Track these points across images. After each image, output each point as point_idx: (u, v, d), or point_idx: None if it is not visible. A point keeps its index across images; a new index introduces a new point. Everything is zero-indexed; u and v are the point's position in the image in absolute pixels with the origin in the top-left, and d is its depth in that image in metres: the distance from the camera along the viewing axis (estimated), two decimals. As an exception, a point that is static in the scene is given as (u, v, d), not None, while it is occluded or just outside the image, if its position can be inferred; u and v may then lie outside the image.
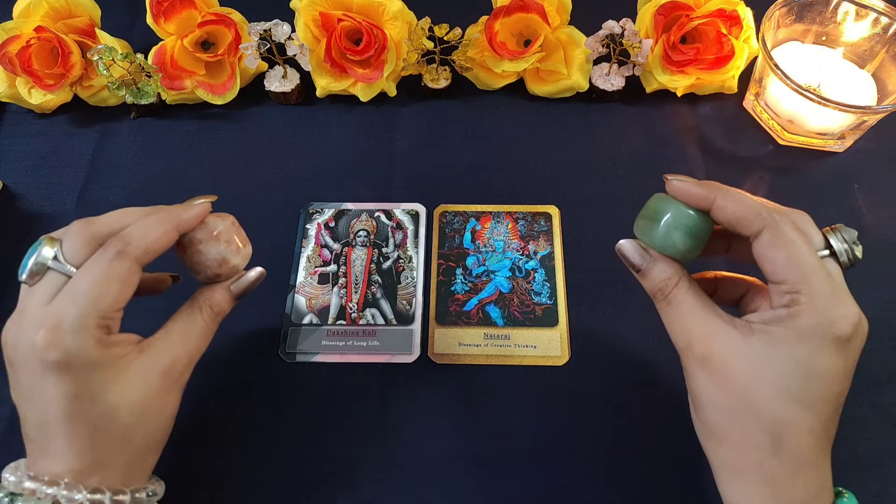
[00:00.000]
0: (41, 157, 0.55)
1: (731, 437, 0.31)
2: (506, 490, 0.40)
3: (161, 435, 0.35)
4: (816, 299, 0.29)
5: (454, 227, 0.51)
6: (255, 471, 0.41)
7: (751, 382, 0.29)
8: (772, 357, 0.29)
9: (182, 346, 0.35)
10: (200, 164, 0.54)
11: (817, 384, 0.29)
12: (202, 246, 0.36)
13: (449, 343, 0.46)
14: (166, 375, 0.34)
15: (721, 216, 0.32)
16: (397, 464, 0.41)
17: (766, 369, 0.29)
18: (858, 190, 0.52)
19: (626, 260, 0.35)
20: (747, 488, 0.31)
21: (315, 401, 0.44)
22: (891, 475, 0.41)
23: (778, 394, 0.29)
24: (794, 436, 0.29)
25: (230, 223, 0.37)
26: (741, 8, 0.54)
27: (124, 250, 0.32)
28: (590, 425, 0.42)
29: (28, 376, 0.31)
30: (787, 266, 0.30)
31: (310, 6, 0.53)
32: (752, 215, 0.31)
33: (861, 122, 0.51)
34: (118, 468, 0.32)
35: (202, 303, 0.36)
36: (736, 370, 0.30)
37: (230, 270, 0.37)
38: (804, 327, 0.29)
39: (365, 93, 0.55)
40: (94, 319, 0.31)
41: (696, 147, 0.55)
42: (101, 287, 0.31)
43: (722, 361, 0.30)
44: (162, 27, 0.54)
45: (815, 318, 0.29)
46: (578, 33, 0.55)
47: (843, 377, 0.30)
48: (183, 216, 0.35)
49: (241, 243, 0.38)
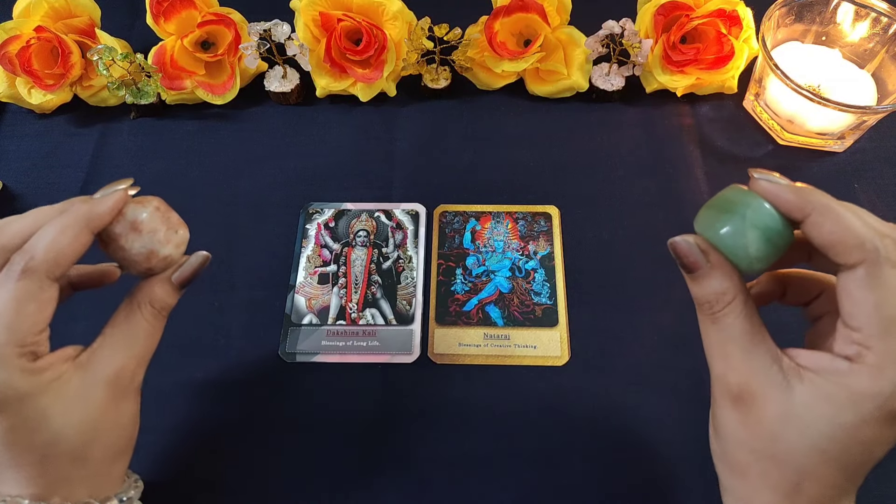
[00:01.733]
0: (41, 157, 0.55)
1: (748, 473, 0.28)
2: (506, 490, 0.40)
3: (124, 443, 0.32)
4: (886, 364, 0.25)
5: (454, 227, 0.51)
6: (255, 471, 0.41)
7: (783, 432, 0.26)
8: (813, 413, 0.26)
9: (126, 352, 0.31)
10: (200, 164, 0.54)
11: (857, 451, 0.26)
12: (123, 241, 0.31)
13: (449, 343, 0.46)
14: (113, 387, 0.31)
15: (814, 234, 0.27)
16: (397, 464, 0.41)
17: (803, 424, 0.26)
18: (858, 190, 0.52)
19: (679, 257, 0.29)
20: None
21: (315, 401, 0.44)
22: (891, 475, 0.41)
23: (810, 451, 0.26)
24: (818, 487, 0.27)
25: (153, 208, 0.32)
26: (741, 8, 0.54)
27: (29, 266, 0.28)
28: (590, 425, 0.42)
29: None
30: (870, 315, 0.25)
31: (310, 6, 0.53)
32: (854, 243, 0.26)
33: (861, 122, 0.51)
34: (81, 484, 0.30)
35: (141, 300, 0.32)
36: (770, 416, 0.27)
37: (163, 262, 0.32)
38: (860, 391, 0.25)
39: (365, 93, 0.55)
40: (12, 349, 0.28)
41: (696, 147, 0.55)
42: (12, 313, 0.28)
43: (757, 403, 0.27)
44: (162, 27, 0.54)
45: (877, 386, 0.25)
46: (578, 33, 0.55)
47: (886, 444, 0.26)
48: (94, 212, 0.30)
49: (171, 230, 0.32)
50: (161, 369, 0.44)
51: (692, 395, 0.42)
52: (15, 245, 0.29)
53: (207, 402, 0.43)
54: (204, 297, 0.47)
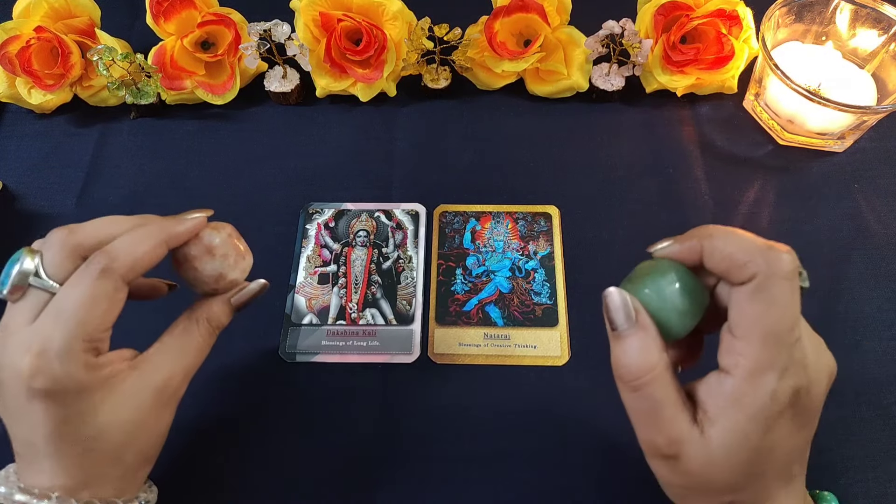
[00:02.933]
0: (41, 157, 0.55)
1: (687, 500, 0.31)
2: (506, 490, 0.40)
3: (154, 450, 0.34)
4: (761, 369, 0.27)
5: (454, 227, 0.51)
6: (255, 471, 0.41)
7: (711, 473, 0.28)
8: (729, 447, 0.28)
9: (178, 363, 0.33)
10: (200, 164, 0.54)
11: (774, 454, 0.28)
12: (197, 262, 0.34)
13: (449, 343, 0.46)
14: (160, 393, 0.32)
15: (712, 264, 0.28)
16: (397, 464, 0.41)
17: (724, 460, 0.28)
18: (858, 190, 0.52)
19: (608, 313, 0.30)
20: None
21: (315, 401, 0.44)
22: (891, 475, 0.41)
23: (732, 475, 0.28)
24: (750, 495, 0.29)
25: (227, 235, 0.35)
26: (741, 8, 0.54)
27: (110, 267, 0.30)
28: (590, 425, 0.42)
29: (14, 399, 0.30)
30: (751, 325, 0.27)
31: (310, 6, 0.53)
32: (744, 259, 0.27)
33: (861, 122, 0.51)
34: (110, 484, 0.31)
35: (199, 316, 0.35)
36: (695, 466, 0.28)
37: (228, 285, 0.35)
38: (748, 401, 0.27)
39: (365, 93, 0.55)
40: (80, 343, 0.29)
41: (696, 147, 0.55)
42: (86, 308, 0.30)
43: (683, 459, 0.28)
44: (162, 27, 0.54)
45: (759, 391, 0.27)
46: (578, 33, 0.55)
47: (798, 430, 0.29)
48: (173, 230, 0.33)
49: (240, 256, 0.35)
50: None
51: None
52: (90, 245, 0.31)
53: (207, 402, 0.43)
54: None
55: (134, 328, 0.33)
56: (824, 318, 0.46)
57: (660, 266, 0.30)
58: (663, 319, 0.29)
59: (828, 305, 0.47)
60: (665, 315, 0.29)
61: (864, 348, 0.45)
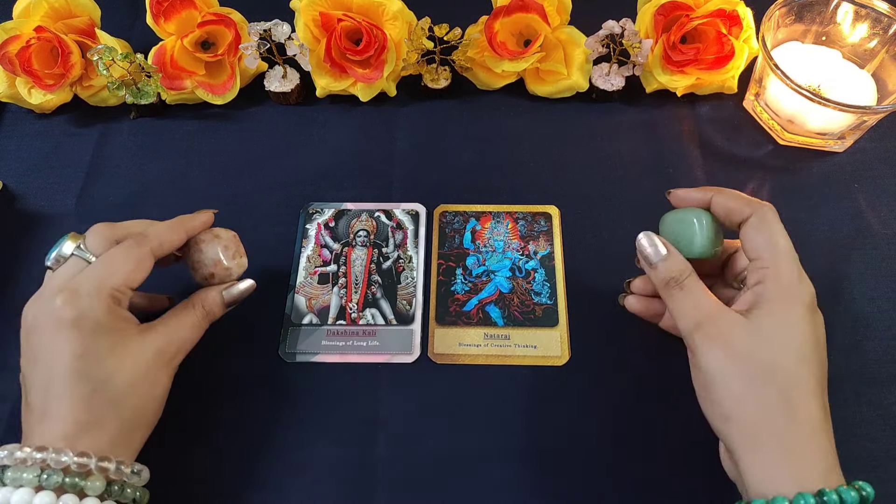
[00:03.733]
0: (41, 157, 0.55)
1: (748, 409, 0.33)
2: (506, 490, 0.40)
3: (150, 414, 0.37)
4: (787, 269, 0.35)
5: (454, 227, 0.51)
6: (255, 470, 0.41)
7: (760, 351, 0.33)
8: (774, 328, 0.34)
9: (176, 333, 0.39)
10: (200, 164, 0.54)
11: (808, 347, 0.34)
12: (203, 245, 0.41)
13: (449, 343, 0.46)
14: (159, 355, 0.37)
15: (719, 209, 0.38)
16: (397, 464, 0.41)
17: (770, 338, 0.33)
18: (858, 190, 0.52)
19: (642, 252, 0.38)
20: (769, 463, 0.32)
21: (315, 401, 0.44)
22: (891, 475, 0.41)
23: (783, 357, 0.33)
24: (804, 399, 0.32)
25: (232, 235, 0.42)
26: (741, 8, 0.54)
27: (141, 240, 0.38)
28: (590, 425, 0.42)
29: (42, 337, 0.35)
30: (764, 246, 0.35)
31: (310, 6, 0.53)
32: (745, 202, 0.37)
33: (861, 122, 0.51)
34: (108, 433, 0.34)
35: (196, 300, 0.41)
36: (746, 342, 0.33)
37: (223, 272, 0.41)
38: (782, 295, 0.34)
39: (365, 93, 0.55)
40: (107, 289, 0.36)
41: (696, 147, 0.55)
42: (116, 264, 0.37)
43: (733, 335, 0.34)
44: (162, 27, 0.54)
45: (790, 287, 0.34)
46: (578, 33, 0.55)
47: (822, 346, 0.35)
48: (191, 223, 0.41)
49: (238, 252, 0.42)
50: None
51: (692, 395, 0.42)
52: (124, 235, 0.39)
53: (208, 401, 0.43)
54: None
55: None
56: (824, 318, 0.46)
57: (687, 210, 0.39)
58: (690, 242, 0.38)
59: (828, 305, 0.47)
60: (690, 245, 0.38)
61: (864, 348, 0.45)
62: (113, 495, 0.33)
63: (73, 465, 0.32)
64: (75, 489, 0.32)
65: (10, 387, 0.44)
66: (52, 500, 0.32)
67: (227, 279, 0.42)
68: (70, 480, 0.32)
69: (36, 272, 0.49)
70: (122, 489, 0.34)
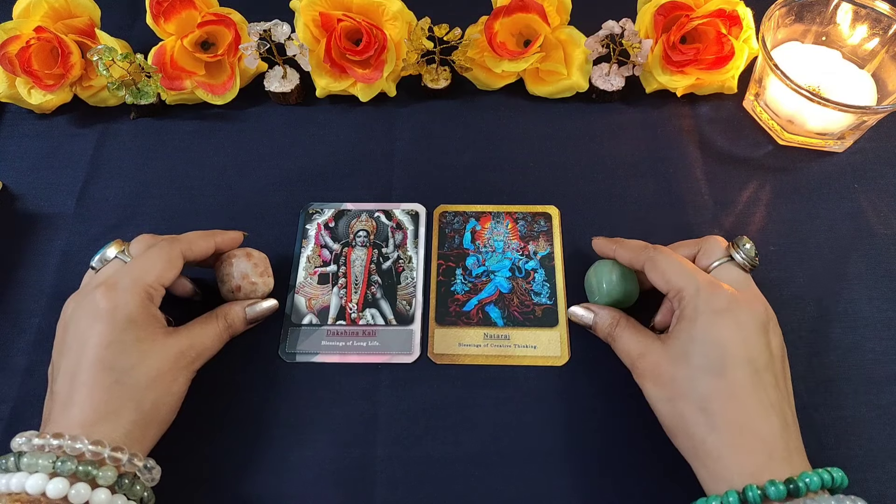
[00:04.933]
0: (41, 157, 0.55)
1: (676, 426, 0.37)
2: (506, 490, 0.40)
3: (166, 411, 0.39)
4: (689, 288, 0.38)
5: (454, 227, 0.51)
6: (255, 471, 0.41)
7: (674, 372, 0.37)
8: (682, 348, 0.37)
9: (198, 339, 0.41)
10: (200, 164, 0.54)
11: (718, 351, 0.36)
12: (234, 259, 0.44)
13: (449, 343, 0.46)
14: (181, 356, 0.39)
15: (622, 260, 0.43)
16: (397, 464, 0.41)
17: (681, 359, 0.37)
18: (858, 190, 0.52)
19: (579, 322, 0.44)
20: (708, 471, 0.35)
21: (315, 401, 0.44)
22: (891, 475, 0.41)
23: (692, 372, 0.36)
24: (719, 404, 0.35)
25: (263, 256, 0.45)
26: (741, 8, 0.54)
27: (173, 241, 0.42)
28: (590, 425, 0.42)
29: (77, 326, 0.38)
30: (664, 280, 0.40)
31: (310, 6, 0.53)
32: (637, 253, 0.42)
33: (861, 122, 0.51)
34: (124, 425, 0.36)
35: (220, 312, 0.43)
36: (664, 369, 0.38)
37: (249, 287, 0.44)
38: (689, 312, 0.37)
39: (365, 93, 0.55)
40: (142, 285, 0.39)
41: (695, 147, 0.55)
42: (150, 262, 0.40)
43: (655, 367, 0.38)
44: (162, 27, 0.54)
45: (693, 302, 0.38)
46: (578, 33, 0.55)
47: (743, 344, 0.36)
48: (220, 237, 0.44)
49: (266, 272, 0.45)
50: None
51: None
52: (168, 237, 0.43)
53: (208, 401, 0.43)
54: (204, 297, 0.47)
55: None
56: (824, 318, 0.46)
57: (598, 265, 0.46)
58: (592, 295, 0.45)
59: (828, 305, 0.47)
60: (592, 292, 0.45)
61: (864, 348, 0.45)
62: (123, 488, 0.34)
63: (88, 453, 0.33)
64: (87, 477, 0.33)
65: (10, 387, 0.44)
66: (65, 487, 0.32)
67: (251, 295, 0.44)
68: (83, 468, 0.33)
69: (36, 272, 0.49)
70: (132, 484, 0.34)
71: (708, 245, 0.42)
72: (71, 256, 0.50)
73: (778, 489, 0.32)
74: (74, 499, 0.32)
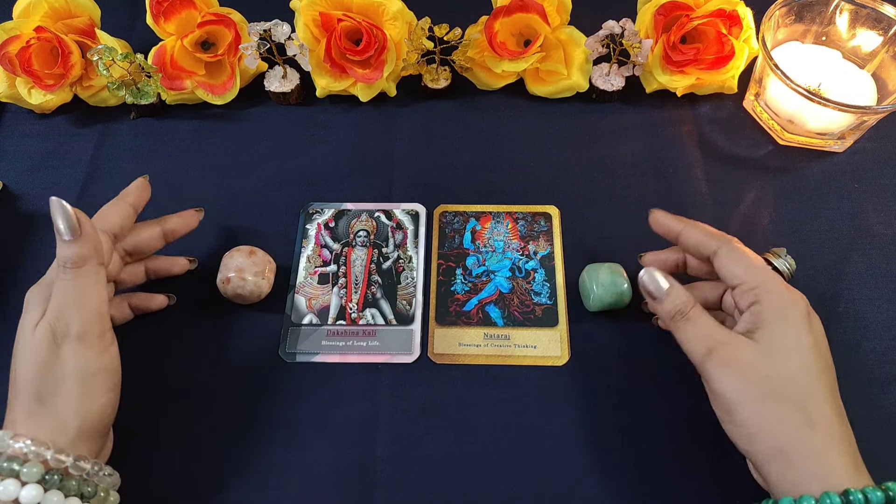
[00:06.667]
0: (41, 157, 0.55)
1: (769, 426, 0.34)
2: (506, 490, 0.40)
3: (104, 421, 0.37)
4: (772, 287, 0.36)
5: (454, 227, 0.51)
6: (255, 471, 0.41)
7: (769, 370, 0.35)
8: (778, 346, 0.35)
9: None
10: (200, 164, 0.54)
11: (812, 356, 0.35)
12: (237, 253, 0.46)
13: (449, 343, 0.46)
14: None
15: (688, 242, 0.41)
16: (397, 464, 0.41)
17: (776, 357, 0.35)
18: (858, 190, 0.52)
19: (645, 289, 0.39)
20: (794, 471, 0.33)
21: (315, 401, 0.44)
22: (891, 475, 0.41)
23: (791, 371, 0.35)
24: (818, 405, 0.34)
25: (269, 259, 0.47)
26: (741, 8, 0.54)
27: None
28: (590, 425, 0.42)
29: None
30: (745, 271, 0.37)
31: (310, 6, 0.53)
32: (710, 237, 0.40)
33: (861, 122, 0.51)
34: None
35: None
36: (755, 363, 0.35)
37: (239, 282, 0.45)
38: (778, 311, 0.36)
39: (365, 93, 0.55)
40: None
41: (696, 147, 0.55)
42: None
43: (739, 360, 0.35)
44: (162, 27, 0.54)
45: (781, 302, 0.36)
46: (578, 33, 0.55)
47: (825, 350, 0.36)
48: (169, 222, 0.46)
49: (262, 275, 0.45)
50: (162, 369, 0.45)
51: (693, 395, 0.42)
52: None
53: (208, 401, 0.43)
54: (204, 297, 0.47)
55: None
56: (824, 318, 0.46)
57: (592, 267, 0.46)
58: (588, 298, 0.46)
59: (828, 305, 0.47)
60: (588, 294, 0.45)
61: (864, 348, 0.45)
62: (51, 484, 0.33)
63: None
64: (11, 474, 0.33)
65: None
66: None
67: (240, 290, 0.44)
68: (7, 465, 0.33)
69: (36, 272, 0.49)
70: (62, 479, 0.34)
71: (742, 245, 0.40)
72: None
73: (876, 496, 0.32)
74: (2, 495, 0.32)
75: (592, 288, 0.45)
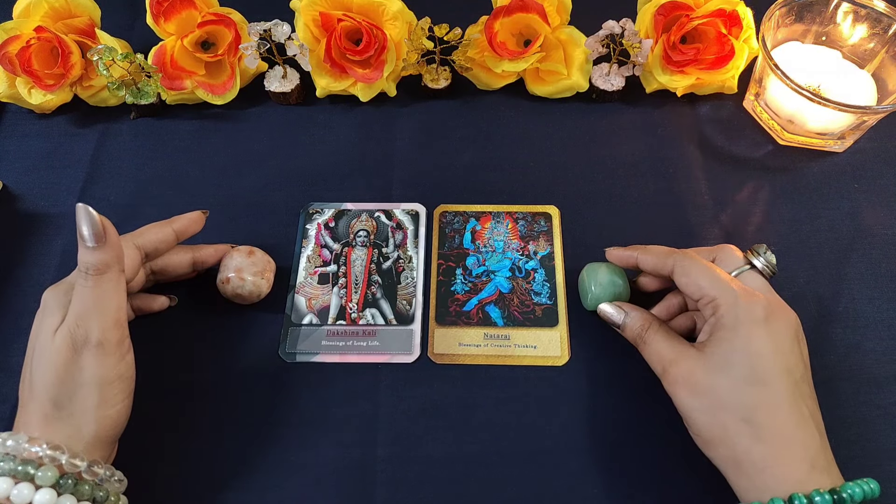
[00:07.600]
0: (41, 157, 0.55)
1: (717, 436, 0.36)
2: (506, 490, 0.40)
3: (118, 426, 0.38)
4: (726, 297, 0.37)
5: (454, 227, 0.51)
6: (255, 471, 0.41)
7: (714, 383, 0.36)
8: (723, 358, 0.36)
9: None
10: (200, 164, 0.54)
11: (760, 361, 0.35)
12: (236, 252, 0.46)
13: (449, 343, 0.46)
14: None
15: (646, 267, 0.43)
16: (397, 464, 0.41)
17: (722, 369, 0.36)
18: (858, 190, 0.52)
19: (608, 320, 0.43)
20: (746, 479, 0.35)
21: (315, 401, 0.44)
22: (891, 475, 0.41)
23: (734, 383, 0.35)
24: (765, 415, 0.35)
25: (269, 260, 0.47)
26: (741, 8, 0.54)
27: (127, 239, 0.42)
28: (590, 425, 0.42)
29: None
30: (703, 284, 0.38)
31: (310, 6, 0.53)
32: (664, 257, 0.41)
33: (861, 122, 0.51)
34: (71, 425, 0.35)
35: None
36: (702, 378, 0.37)
37: (238, 282, 0.45)
38: (729, 321, 0.37)
39: (365, 93, 0.55)
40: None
41: (696, 147, 0.55)
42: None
43: (690, 375, 0.37)
44: (162, 27, 0.54)
45: (733, 311, 0.37)
46: (578, 33, 0.55)
47: (782, 354, 0.36)
48: (178, 223, 0.44)
49: (261, 275, 0.45)
50: (162, 369, 0.45)
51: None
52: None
53: (207, 402, 0.43)
54: (204, 297, 0.47)
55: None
56: (824, 318, 0.46)
57: (590, 267, 0.46)
58: (585, 297, 0.45)
59: (828, 305, 0.47)
60: (586, 293, 0.45)
61: (864, 348, 0.45)
62: (66, 489, 0.33)
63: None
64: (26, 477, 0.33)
65: (10, 387, 0.44)
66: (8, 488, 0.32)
67: (239, 290, 0.44)
68: (22, 468, 0.33)
69: (36, 272, 0.49)
70: (75, 484, 0.34)
71: (724, 254, 0.41)
72: (71, 256, 0.50)
73: (824, 499, 0.32)
74: (16, 499, 0.32)
75: (591, 287, 0.45)
